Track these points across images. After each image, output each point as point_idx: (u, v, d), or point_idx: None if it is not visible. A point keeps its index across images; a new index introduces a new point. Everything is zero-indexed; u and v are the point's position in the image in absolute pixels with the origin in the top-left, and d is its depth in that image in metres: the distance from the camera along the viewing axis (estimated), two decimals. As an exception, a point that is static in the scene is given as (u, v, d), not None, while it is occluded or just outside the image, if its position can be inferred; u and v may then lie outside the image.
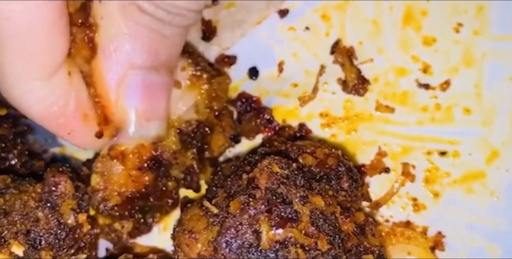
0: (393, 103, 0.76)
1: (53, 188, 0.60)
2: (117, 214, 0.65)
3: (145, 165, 0.65)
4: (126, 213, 0.66)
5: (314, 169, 0.61)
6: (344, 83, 0.76)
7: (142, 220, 0.68)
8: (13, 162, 0.79)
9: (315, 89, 0.76)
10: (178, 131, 0.66)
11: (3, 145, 0.78)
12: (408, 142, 0.75)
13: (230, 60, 0.80)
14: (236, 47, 0.79)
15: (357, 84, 0.75)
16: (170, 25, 0.54)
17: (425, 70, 0.76)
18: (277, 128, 0.77)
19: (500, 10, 0.76)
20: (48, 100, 0.54)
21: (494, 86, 0.75)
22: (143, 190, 0.65)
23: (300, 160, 0.61)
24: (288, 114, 0.77)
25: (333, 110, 0.76)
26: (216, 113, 0.70)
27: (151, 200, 0.67)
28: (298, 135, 0.76)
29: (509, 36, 0.75)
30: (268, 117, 0.77)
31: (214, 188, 0.62)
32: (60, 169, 0.64)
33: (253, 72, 0.79)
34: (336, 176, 0.61)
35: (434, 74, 0.76)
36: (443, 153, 0.74)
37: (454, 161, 0.74)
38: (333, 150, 0.64)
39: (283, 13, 0.79)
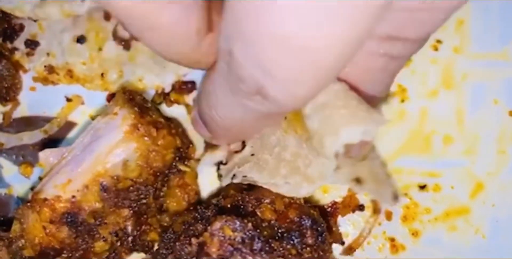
0: (366, 132, 0.69)
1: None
2: None
3: (59, 219, 0.60)
4: None
5: (274, 223, 0.54)
6: None
7: None
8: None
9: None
10: (101, 187, 0.60)
11: None
12: (384, 175, 0.68)
13: (188, 87, 0.73)
14: (194, 72, 0.72)
15: None
16: None
17: (400, 94, 0.69)
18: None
19: (483, 25, 0.68)
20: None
21: (477, 110, 0.68)
22: (58, 246, 0.60)
23: (258, 213, 0.55)
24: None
25: (301, 141, 0.69)
26: (158, 174, 0.63)
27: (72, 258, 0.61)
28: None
29: (493, 54, 0.68)
30: None
31: (163, 251, 0.55)
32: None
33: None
34: (299, 232, 0.54)
35: (410, 98, 0.69)
36: (422, 187, 0.67)
37: (434, 195, 0.67)
38: (295, 198, 0.57)
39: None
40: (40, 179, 0.66)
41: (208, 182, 0.70)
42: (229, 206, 0.56)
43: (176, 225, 0.58)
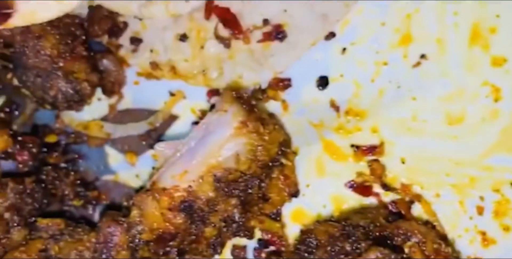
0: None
1: (108, 239, 0.60)
2: (151, 249, 0.67)
3: (177, 206, 0.65)
4: (160, 250, 0.67)
5: None
6: None
7: None
8: (66, 192, 0.78)
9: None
10: (214, 178, 0.65)
11: (55, 174, 0.78)
12: (476, 172, 0.71)
13: (284, 84, 0.76)
14: (290, 69, 0.75)
15: None
16: None
17: (494, 94, 0.71)
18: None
19: None
20: None
21: None
22: (174, 231, 0.65)
23: (406, 250, 0.59)
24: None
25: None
26: (264, 166, 0.67)
27: (185, 243, 0.66)
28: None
29: None
30: None
31: (304, 254, 0.61)
32: (115, 219, 0.64)
33: (323, 82, 0.75)
34: None
35: (504, 98, 0.70)
36: (514, 184, 0.70)
37: (526, 192, 0.70)
38: (443, 246, 0.62)
39: (332, 35, 0.74)
40: (154, 169, 0.71)
41: (303, 174, 0.74)
42: (377, 234, 0.60)
43: (318, 232, 0.62)
